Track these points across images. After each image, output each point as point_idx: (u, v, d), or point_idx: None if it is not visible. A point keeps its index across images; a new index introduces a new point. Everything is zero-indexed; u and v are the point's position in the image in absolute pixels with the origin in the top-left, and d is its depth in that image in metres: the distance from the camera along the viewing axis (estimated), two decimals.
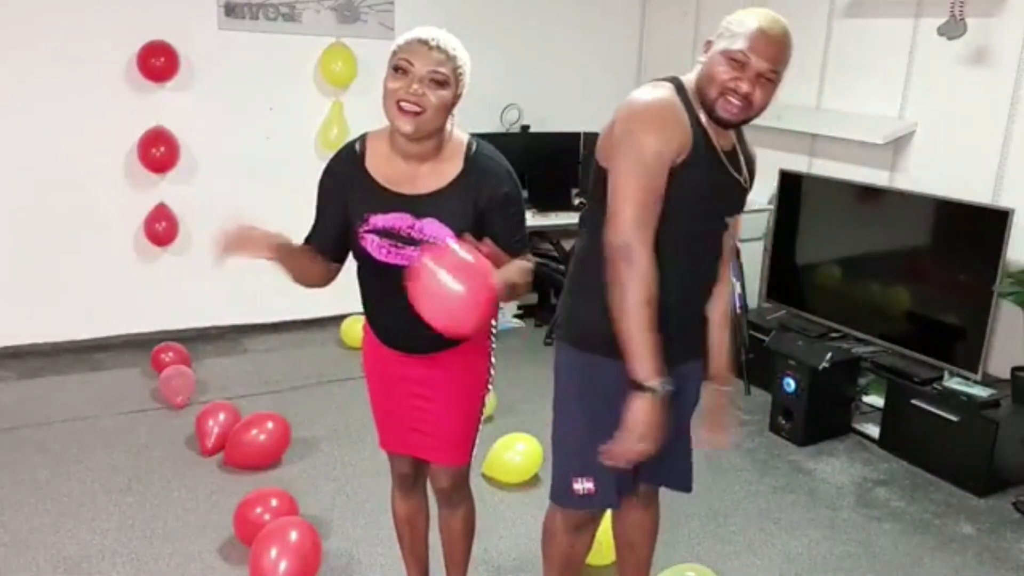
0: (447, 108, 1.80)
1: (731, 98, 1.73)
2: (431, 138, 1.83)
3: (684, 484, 2.15)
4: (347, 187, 1.90)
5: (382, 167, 1.88)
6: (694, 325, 1.98)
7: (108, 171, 4.16)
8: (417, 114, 1.75)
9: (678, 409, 1.96)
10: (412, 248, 1.84)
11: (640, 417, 1.73)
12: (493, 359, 2.11)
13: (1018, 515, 3.13)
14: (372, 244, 1.87)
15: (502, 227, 1.89)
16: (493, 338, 2.10)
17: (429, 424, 2.05)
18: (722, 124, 1.79)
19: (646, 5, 5.25)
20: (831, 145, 4.21)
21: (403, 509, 2.30)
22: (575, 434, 1.97)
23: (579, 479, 1.96)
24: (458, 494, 2.21)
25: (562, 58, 5.10)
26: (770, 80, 1.73)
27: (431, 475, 2.20)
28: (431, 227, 1.84)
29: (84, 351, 4.27)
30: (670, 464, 2.06)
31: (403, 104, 1.75)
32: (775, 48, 1.71)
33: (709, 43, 1.79)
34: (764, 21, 1.72)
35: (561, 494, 2.01)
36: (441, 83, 1.76)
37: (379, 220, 1.86)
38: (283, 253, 1.85)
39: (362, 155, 1.90)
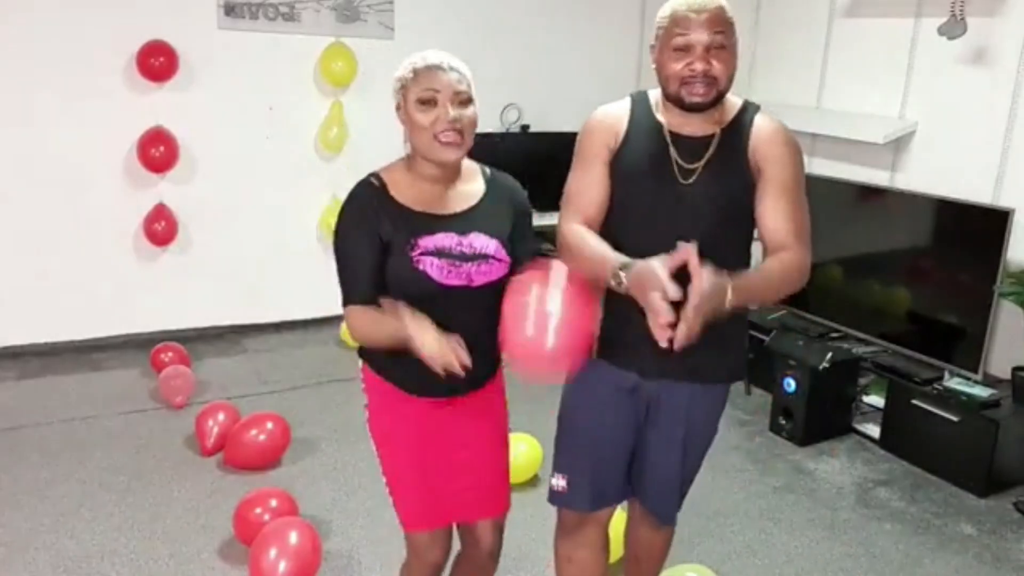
0: (476, 124, 1.81)
1: (692, 82, 1.71)
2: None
3: (662, 515, 2.07)
4: (378, 222, 1.78)
5: (408, 194, 1.81)
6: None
7: (107, 171, 4.16)
8: (459, 142, 1.76)
9: (656, 427, 1.93)
10: (468, 264, 1.79)
11: None
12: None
13: (1019, 515, 3.13)
14: (433, 267, 1.76)
15: (526, 237, 1.95)
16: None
17: (475, 473, 1.95)
18: (698, 108, 1.75)
19: (646, 5, 5.24)
20: (831, 145, 4.21)
21: None
22: (559, 432, 2.03)
23: (556, 475, 2.01)
24: (501, 547, 2.08)
25: (562, 58, 5.10)
26: (720, 47, 1.71)
27: (477, 538, 2.04)
28: (479, 240, 1.81)
29: (84, 351, 4.27)
30: (651, 487, 2.02)
31: (443, 136, 1.74)
32: (703, 17, 1.69)
33: (652, 47, 1.80)
34: (680, 2, 1.73)
35: (549, 491, 2.05)
36: (467, 101, 1.77)
37: (429, 241, 1.78)
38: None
39: (383, 187, 1.82)
